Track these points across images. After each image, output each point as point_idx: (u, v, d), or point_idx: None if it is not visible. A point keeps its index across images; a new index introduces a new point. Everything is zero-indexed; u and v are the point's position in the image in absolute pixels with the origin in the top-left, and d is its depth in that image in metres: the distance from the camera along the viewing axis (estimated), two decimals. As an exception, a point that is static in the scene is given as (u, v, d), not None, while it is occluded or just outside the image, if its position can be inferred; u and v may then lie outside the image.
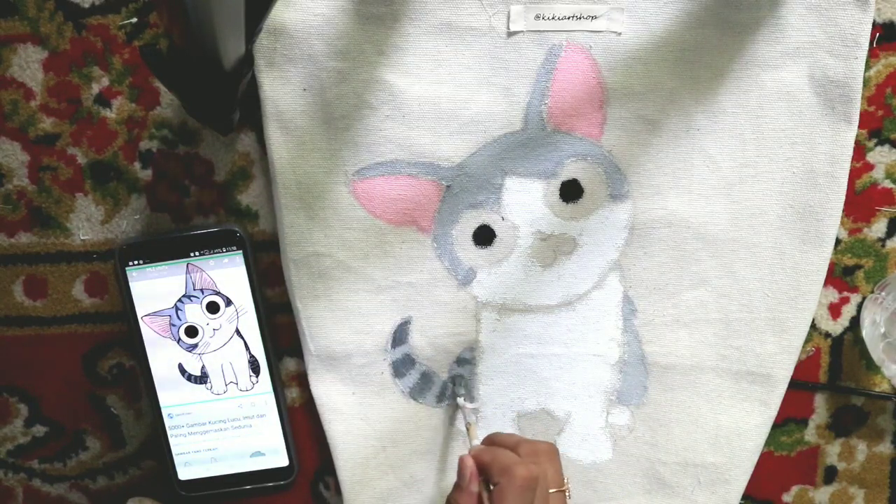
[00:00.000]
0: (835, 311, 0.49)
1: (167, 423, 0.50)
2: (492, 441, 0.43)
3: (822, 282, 0.47)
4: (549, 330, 0.48)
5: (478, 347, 0.49)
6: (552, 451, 0.41)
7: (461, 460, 0.40)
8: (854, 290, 0.49)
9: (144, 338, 0.49)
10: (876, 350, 0.47)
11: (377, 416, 0.49)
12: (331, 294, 0.47)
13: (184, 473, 0.51)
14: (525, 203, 0.46)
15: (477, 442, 0.43)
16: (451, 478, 0.50)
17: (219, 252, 0.47)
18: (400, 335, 0.48)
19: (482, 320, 0.48)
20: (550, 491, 0.39)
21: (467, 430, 0.45)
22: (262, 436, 0.50)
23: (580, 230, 0.47)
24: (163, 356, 0.49)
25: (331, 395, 0.49)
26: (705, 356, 0.48)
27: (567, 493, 0.40)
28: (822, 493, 0.52)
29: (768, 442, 0.50)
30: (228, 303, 0.48)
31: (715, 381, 0.48)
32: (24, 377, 0.51)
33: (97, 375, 0.51)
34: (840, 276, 0.49)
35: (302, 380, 0.50)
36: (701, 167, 0.46)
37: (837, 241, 0.48)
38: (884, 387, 0.50)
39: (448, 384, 0.49)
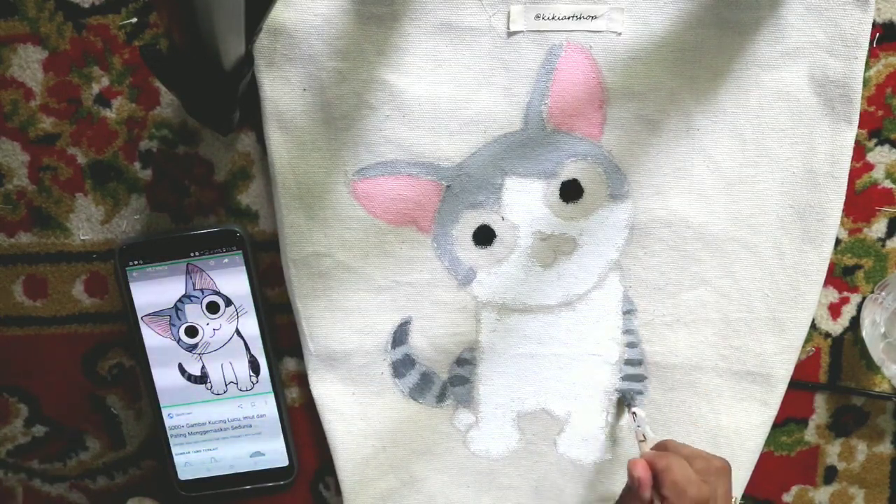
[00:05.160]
0: (835, 311, 0.49)
1: (167, 423, 0.50)
2: (665, 447, 0.42)
3: (822, 282, 0.47)
4: (549, 330, 0.48)
5: (478, 347, 0.49)
6: (725, 470, 0.41)
7: (633, 464, 0.39)
8: (854, 290, 0.49)
9: (144, 338, 0.48)
10: (876, 350, 0.47)
11: (377, 416, 0.49)
12: (331, 294, 0.47)
13: (184, 473, 0.51)
14: (525, 203, 0.46)
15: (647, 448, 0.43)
16: (451, 478, 0.51)
17: (219, 252, 0.47)
18: (400, 335, 0.48)
19: (482, 320, 0.48)
20: None
21: (640, 442, 0.44)
22: (262, 436, 0.50)
23: (580, 230, 0.46)
24: (163, 356, 0.49)
25: (331, 395, 0.49)
26: (705, 356, 0.48)
27: None
28: (822, 493, 0.52)
29: (768, 442, 0.50)
30: (228, 303, 0.48)
31: (715, 381, 0.48)
32: (24, 377, 0.51)
33: (97, 375, 0.51)
34: (840, 276, 0.49)
35: (302, 380, 0.50)
36: (701, 167, 0.46)
37: (837, 241, 0.48)
38: (884, 387, 0.50)
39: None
